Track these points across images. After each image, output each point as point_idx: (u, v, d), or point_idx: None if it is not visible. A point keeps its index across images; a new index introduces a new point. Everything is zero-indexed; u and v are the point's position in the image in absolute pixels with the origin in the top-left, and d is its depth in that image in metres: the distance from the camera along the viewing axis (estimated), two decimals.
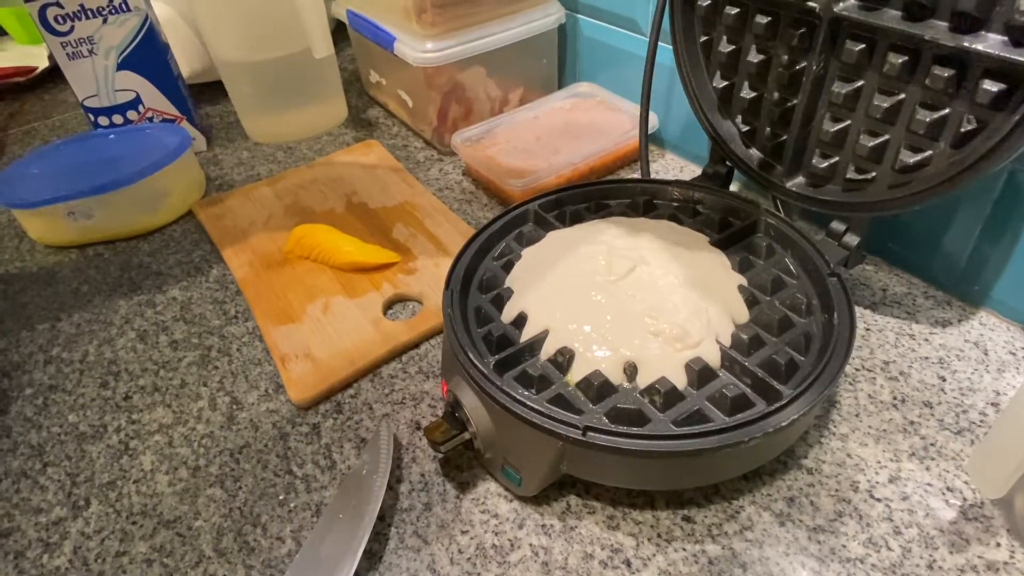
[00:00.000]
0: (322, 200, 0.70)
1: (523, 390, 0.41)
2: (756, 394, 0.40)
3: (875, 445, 0.44)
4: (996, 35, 0.37)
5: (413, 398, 0.50)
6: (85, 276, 0.65)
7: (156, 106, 0.77)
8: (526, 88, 0.79)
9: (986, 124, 0.39)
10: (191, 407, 0.51)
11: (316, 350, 0.53)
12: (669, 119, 0.72)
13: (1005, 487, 0.32)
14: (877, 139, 0.44)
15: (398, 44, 0.71)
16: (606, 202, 0.56)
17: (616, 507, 0.42)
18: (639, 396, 0.40)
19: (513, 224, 0.54)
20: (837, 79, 0.45)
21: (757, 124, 0.52)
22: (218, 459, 0.47)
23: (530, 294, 0.46)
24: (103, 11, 0.70)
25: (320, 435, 0.48)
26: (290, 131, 0.83)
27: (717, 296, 0.45)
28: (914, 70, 0.41)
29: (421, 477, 0.44)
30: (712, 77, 0.53)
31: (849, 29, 0.43)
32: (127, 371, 0.54)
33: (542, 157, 0.68)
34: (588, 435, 0.37)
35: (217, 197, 0.72)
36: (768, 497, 0.42)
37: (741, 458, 0.39)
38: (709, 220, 0.53)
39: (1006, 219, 0.48)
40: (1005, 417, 0.31)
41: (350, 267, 0.60)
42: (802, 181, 0.50)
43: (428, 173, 0.75)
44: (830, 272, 0.45)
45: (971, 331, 0.51)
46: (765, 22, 0.47)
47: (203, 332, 0.57)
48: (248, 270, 0.61)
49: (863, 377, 0.48)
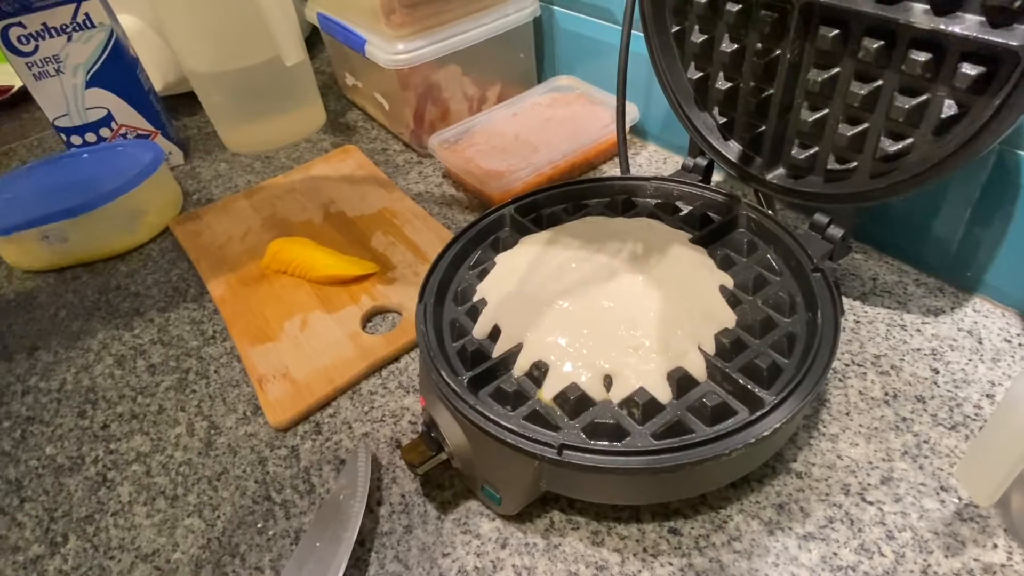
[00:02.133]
0: (300, 211, 0.69)
1: (499, 407, 0.40)
2: (738, 401, 0.39)
3: (866, 445, 0.43)
4: (973, 16, 0.35)
5: (393, 415, 0.49)
6: (63, 301, 0.64)
7: (129, 122, 0.76)
8: (504, 84, 0.78)
9: (968, 109, 0.37)
10: (169, 434, 0.50)
11: (294, 369, 0.52)
12: (650, 109, 0.70)
13: (996, 494, 0.31)
14: (857, 127, 0.42)
15: (369, 46, 0.70)
16: (584, 202, 0.55)
17: (601, 521, 0.41)
18: (617, 409, 0.39)
19: (489, 230, 0.53)
20: (813, 67, 0.43)
21: (734, 115, 0.50)
22: (196, 487, 0.46)
23: (503, 306, 0.44)
24: (67, 29, 0.68)
25: (299, 458, 0.47)
26: (268, 139, 0.81)
27: (699, 301, 0.43)
28: (891, 55, 0.39)
29: (402, 498, 0.43)
30: (687, 68, 0.52)
31: (822, 14, 0.41)
32: (105, 399, 0.53)
33: (521, 156, 0.67)
34: (564, 454, 0.36)
35: (194, 213, 0.71)
36: (757, 505, 0.40)
37: (725, 468, 0.38)
38: (689, 216, 0.52)
39: (997, 202, 0.47)
40: (993, 422, 0.30)
41: (327, 280, 0.59)
42: (783, 173, 0.48)
43: (408, 177, 0.74)
44: (813, 268, 0.44)
45: (964, 319, 0.49)
46: (736, 9, 0.45)
47: (181, 354, 0.56)
48: (225, 288, 0.60)
49: (853, 373, 0.47)
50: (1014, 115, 0.35)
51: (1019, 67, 0.34)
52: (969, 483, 0.33)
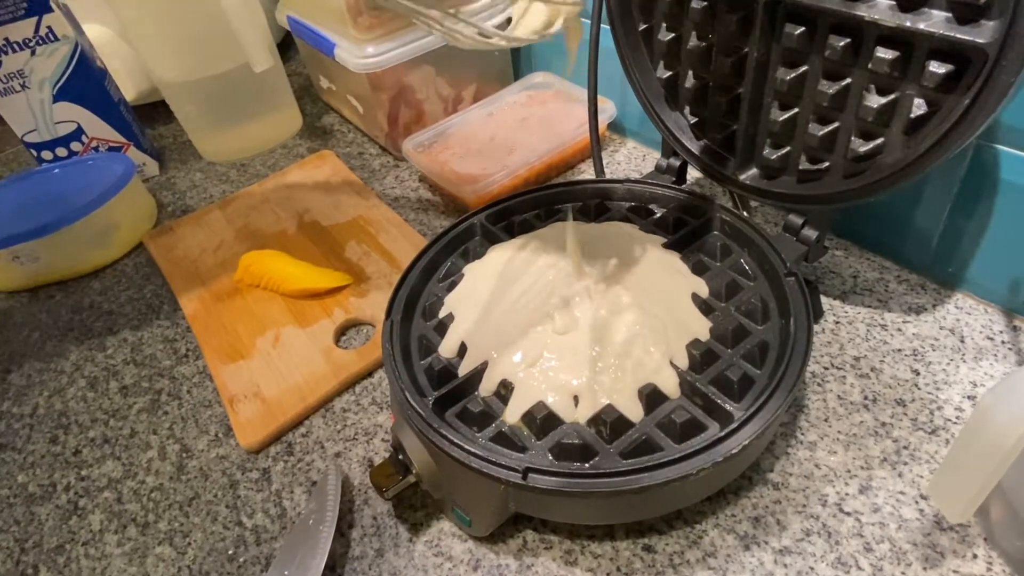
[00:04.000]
0: (274, 221, 0.67)
1: (466, 428, 0.39)
2: (709, 416, 0.38)
3: (844, 452, 0.42)
4: (940, 12, 0.34)
5: (366, 433, 0.48)
6: (37, 321, 0.63)
7: (100, 135, 0.75)
8: (480, 83, 0.76)
9: (938, 108, 0.36)
10: (141, 458, 0.49)
11: (265, 388, 0.51)
12: (627, 106, 0.68)
13: (969, 511, 0.30)
14: (827, 127, 0.41)
15: (338, 50, 0.68)
16: (556, 207, 0.53)
17: (574, 540, 0.40)
18: (585, 427, 0.38)
19: (459, 239, 0.51)
20: (781, 65, 0.42)
21: (706, 115, 0.49)
22: (167, 513, 0.45)
23: (469, 321, 0.43)
24: (29, 43, 0.67)
25: (270, 480, 0.46)
26: (243, 146, 0.80)
27: (672, 313, 0.42)
28: (858, 53, 0.38)
29: (373, 520, 0.43)
30: (656, 67, 0.50)
31: (787, 11, 0.40)
32: (77, 423, 0.53)
33: (496, 159, 0.66)
34: (529, 478, 0.35)
35: (168, 226, 0.70)
36: (732, 518, 0.39)
37: (696, 486, 0.37)
38: (663, 220, 0.51)
39: (975, 197, 0.45)
40: (963, 438, 0.29)
41: (300, 294, 0.58)
42: (756, 173, 0.47)
43: (384, 182, 0.72)
44: (787, 272, 0.42)
45: (947, 316, 0.48)
46: (702, 7, 0.44)
47: (153, 375, 0.55)
48: (198, 304, 0.59)
49: (832, 376, 0.46)
50: (985, 114, 0.34)
51: (987, 65, 0.32)
52: (941, 499, 0.32)
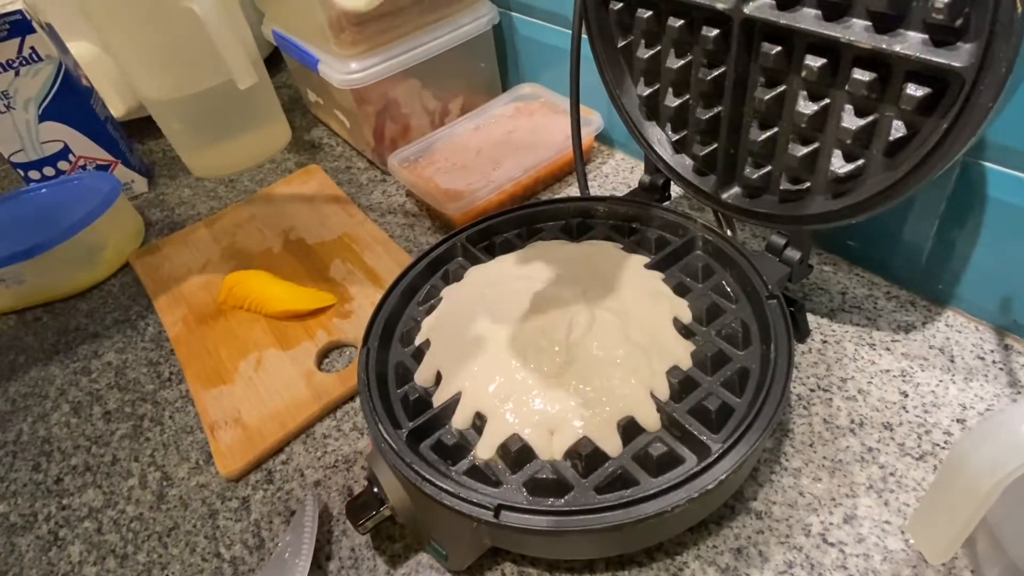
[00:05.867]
0: (260, 240, 0.67)
1: (441, 461, 0.39)
2: (686, 448, 0.37)
3: (830, 479, 0.41)
4: (916, 33, 0.33)
5: (346, 460, 0.47)
6: (22, 345, 0.63)
7: (87, 153, 0.75)
8: (467, 95, 0.75)
9: (916, 131, 0.35)
10: (121, 486, 0.49)
11: (246, 414, 0.50)
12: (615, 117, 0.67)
13: (948, 553, 0.29)
14: (807, 147, 0.40)
15: (322, 66, 0.67)
16: (538, 226, 0.53)
17: (553, 573, 0.39)
18: (561, 461, 0.37)
19: (440, 261, 0.51)
20: (759, 84, 0.41)
21: (687, 132, 0.48)
22: (146, 544, 0.45)
23: (444, 349, 0.43)
24: (13, 64, 0.67)
25: (250, 510, 0.46)
26: (232, 162, 0.80)
27: (654, 341, 0.41)
28: (836, 74, 0.37)
29: (351, 552, 0.42)
30: (636, 83, 0.49)
31: (764, 30, 0.39)
32: (59, 450, 0.52)
33: (482, 173, 0.65)
34: (501, 515, 0.34)
35: (154, 245, 0.69)
36: (714, 549, 0.39)
37: (675, 520, 0.36)
38: (645, 239, 0.50)
39: (963, 213, 0.44)
40: (941, 481, 0.28)
41: (283, 315, 0.57)
42: (738, 192, 0.46)
43: (371, 197, 0.72)
44: (768, 294, 0.41)
45: (936, 335, 0.47)
46: (679, 24, 0.43)
47: (136, 399, 0.55)
48: (182, 327, 0.59)
49: (819, 399, 0.45)
50: (964, 137, 0.33)
51: (964, 88, 0.31)
52: (921, 540, 0.31)
